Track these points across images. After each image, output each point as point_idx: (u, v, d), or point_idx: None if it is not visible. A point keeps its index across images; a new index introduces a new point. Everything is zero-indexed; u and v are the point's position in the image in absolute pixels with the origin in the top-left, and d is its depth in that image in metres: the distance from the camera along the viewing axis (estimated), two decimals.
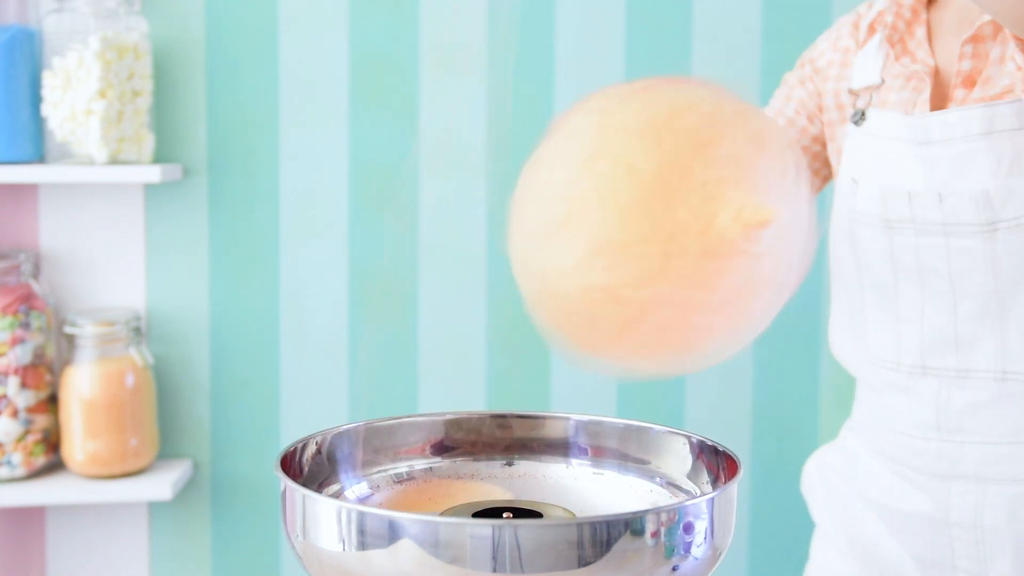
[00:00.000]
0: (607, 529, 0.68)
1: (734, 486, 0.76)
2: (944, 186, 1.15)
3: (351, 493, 0.87)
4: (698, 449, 0.86)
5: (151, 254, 2.06)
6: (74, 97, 1.89)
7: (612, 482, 0.90)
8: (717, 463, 0.84)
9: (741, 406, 2.15)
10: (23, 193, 2.04)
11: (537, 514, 0.82)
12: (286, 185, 2.07)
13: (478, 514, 0.82)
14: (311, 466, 0.85)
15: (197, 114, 2.05)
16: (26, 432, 1.94)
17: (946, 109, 1.17)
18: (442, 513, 0.84)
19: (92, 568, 2.10)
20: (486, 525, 0.67)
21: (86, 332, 1.94)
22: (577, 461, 0.92)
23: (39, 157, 1.95)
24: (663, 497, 0.86)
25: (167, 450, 2.09)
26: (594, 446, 0.91)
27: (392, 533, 0.68)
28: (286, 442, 2.09)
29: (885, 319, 1.23)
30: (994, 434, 1.18)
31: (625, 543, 0.68)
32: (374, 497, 0.87)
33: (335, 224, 2.08)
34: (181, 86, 2.05)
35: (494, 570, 0.66)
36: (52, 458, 1.99)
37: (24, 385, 1.94)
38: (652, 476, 0.89)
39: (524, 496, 0.89)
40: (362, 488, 0.88)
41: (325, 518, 0.71)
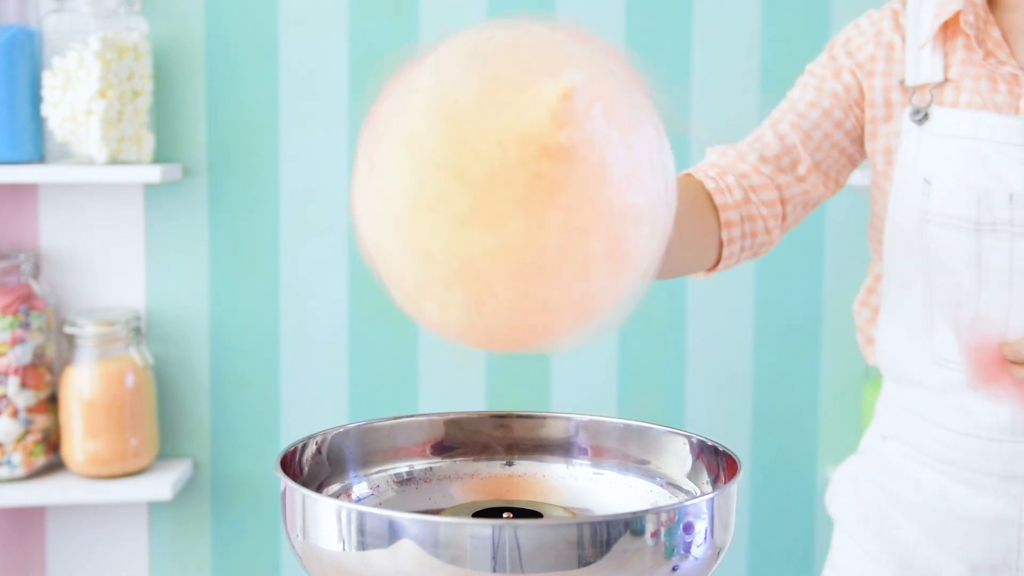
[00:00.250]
0: (607, 529, 0.68)
1: (734, 486, 0.76)
2: None
3: (351, 493, 0.87)
4: (698, 449, 0.86)
5: (151, 254, 2.06)
6: (74, 97, 1.89)
7: (612, 482, 0.89)
8: (717, 463, 0.84)
9: (741, 406, 2.15)
10: (23, 193, 2.04)
11: (537, 514, 0.82)
12: (286, 185, 2.07)
13: (478, 514, 0.82)
14: (311, 466, 0.85)
15: (197, 114, 2.05)
16: (26, 432, 1.94)
17: None
18: (442, 513, 0.84)
19: (92, 568, 2.10)
20: (486, 525, 0.67)
21: (86, 332, 1.94)
22: (577, 461, 0.91)
23: (39, 157, 1.95)
24: (663, 497, 0.86)
25: (167, 450, 2.09)
26: (594, 446, 0.91)
27: (392, 533, 0.68)
28: (286, 442, 2.09)
29: None
30: None
31: (625, 543, 0.68)
32: (374, 497, 0.87)
33: (335, 224, 2.08)
34: (181, 86, 2.05)
35: (494, 570, 0.66)
36: (52, 458, 1.99)
37: (24, 385, 1.94)
38: (652, 476, 0.89)
39: (524, 496, 0.88)
40: (362, 488, 0.87)
41: (325, 518, 0.71)
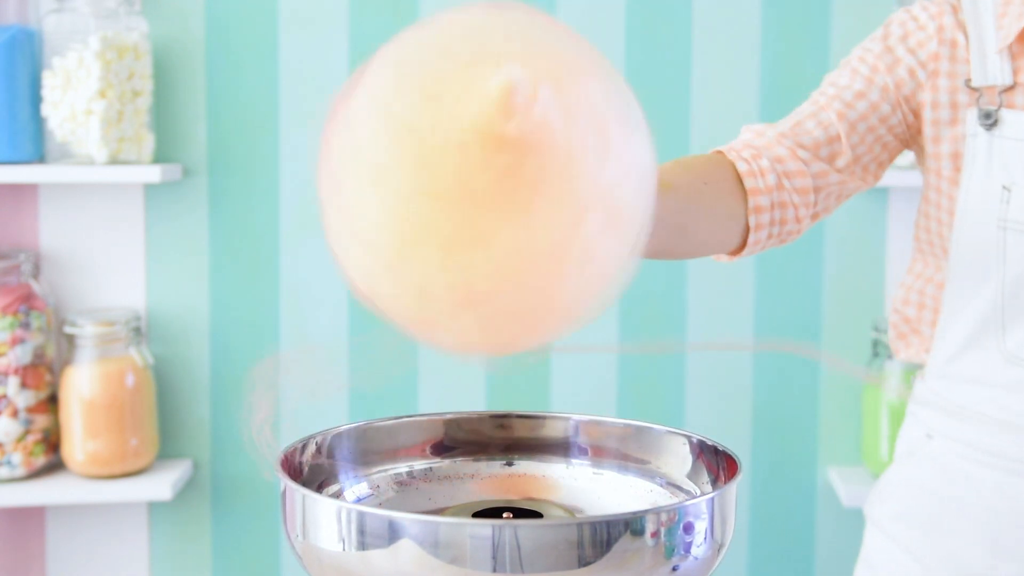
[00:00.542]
0: (607, 529, 0.68)
1: (734, 486, 0.76)
2: None
3: (351, 493, 0.87)
4: (698, 449, 0.86)
5: (151, 254, 2.06)
6: (74, 97, 1.89)
7: (612, 482, 0.89)
8: (717, 463, 0.84)
9: (741, 406, 2.15)
10: (23, 193, 2.04)
11: (537, 514, 0.82)
12: (286, 185, 2.07)
13: (478, 514, 0.82)
14: (311, 466, 0.85)
15: (197, 114, 2.05)
16: (26, 432, 1.94)
17: None
18: (442, 513, 0.84)
19: (92, 568, 2.10)
20: (486, 525, 0.67)
21: (86, 332, 1.94)
22: (577, 461, 0.91)
23: (39, 157, 1.95)
24: (663, 497, 0.86)
25: (167, 450, 2.09)
26: (594, 446, 0.91)
27: (392, 533, 0.68)
28: (286, 442, 2.09)
29: None
30: None
31: (625, 543, 0.68)
32: (374, 497, 0.87)
33: None
34: (181, 86, 2.05)
35: (494, 570, 0.66)
36: (52, 458, 1.99)
37: (24, 385, 1.94)
38: (652, 476, 0.89)
39: (524, 496, 0.88)
40: (362, 488, 0.87)
41: (325, 518, 0.71)
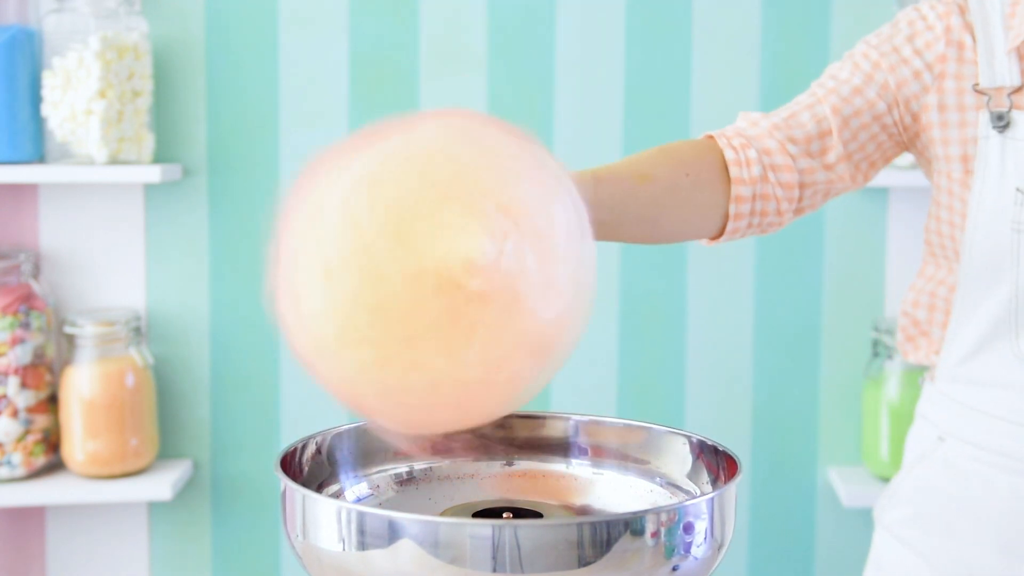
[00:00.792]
0: (607, 529, 0.68)
1: (734, 486, 0.76)
2: None
3: (351, 493, 0.87)
4: (698, 449, 0.86)
5: (151, 254, 2.06)
6: (74, 97, 1.89)
7: (612, 482, 0.90)
8: (717, 463, 0.84)
9: (741, 406, 2.15)
10: (23, 193, 2.04)
11: (537, 514, 0.82)
12: (286, 185, 2.07)
13: (478, 514, 0.82)
14: (311, 466, 0.85)
15: (197, 114, 2.05)
16: (26, 432, 1.94)
17: None
18: (442, 513, 0.84)
19: (92, 568, 2.10)
20: (486, 525, 0.67)
21: (86, 332, 1.94)
22: (577, 461, 0.92)
23: (39, 157, 1.95)
24: (663, 497, 0.86)
25: (167, 450, 2.09)
26: (594, 446, 0.91)
27: (392, 533, 0.68)
28: (286, 442, 2.09)
29: None
30: None
31: (625, 543, 0.68)
32: (374, 497, 0.87)
33: None
34: (181, 86, 2.05)
35: (494, 570, 0.66)
36: (52, 458, 1.99)
37: (24, 385, 1.94)
38: (652, 476, 0.89)
39: (524, 496, 0.88)
40: (362, 488, 0.88)
41: (325, 518, 0.71)
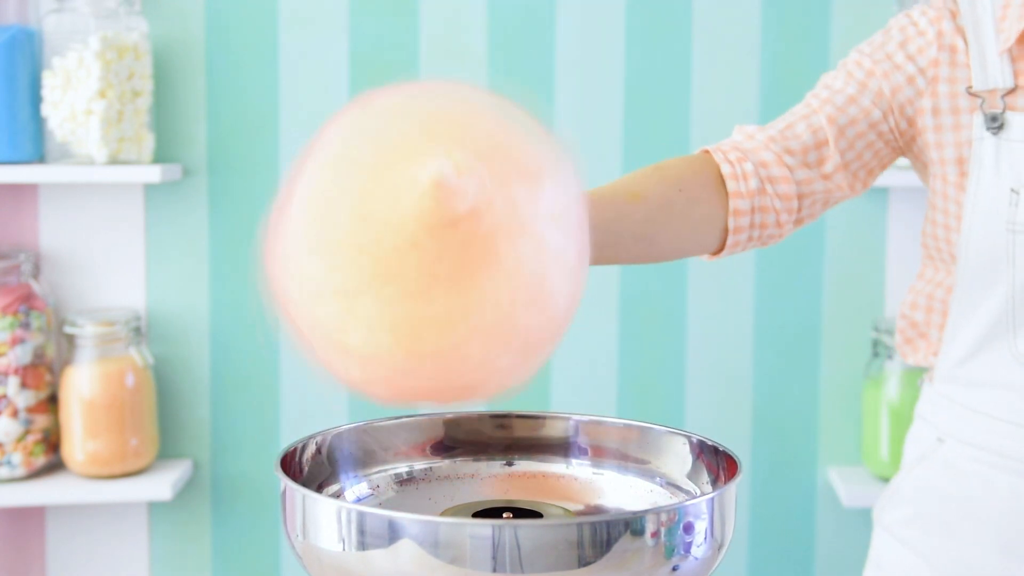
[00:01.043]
0: (607, 529, 0.68)
1: (734, 486, 0.76)
2: None
3: (351, 493, 0.87)
4: (698, 449, 0.86)
5: (151, 254, 2.06)
6: (74, 97, 1.89)
7: (612, 482, 0.89)
8: (717, 463, 0.84)
9: (741, 406, 2.15)
10: (23, 193, 2.04)
11: (537, 514, 0.82)
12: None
13: (478, 514, 0.82)
14: (311, 466, 0.85)
15: (197, 114, 2.05)
16: (26, 432, 1.94)
17: None
18: (442, 513, 0.84)
19: (92, 568, 2.10)
20: (486, 525, 0.67)
21: (86, 332, 1.94)
22: (577, 461, 0.91)
23: (39, 157, 1.95)
24: (663, 497, 0.86)
25: (167, 450, 2.09)
26: (594, 446, 0.91)
27: (392, 533, 0.68)
28: (286, 442, 2.09)
29: None
30: None
31: (625, 543, 0.68)
32: (374, 497, 0.87)
33: None
34: (181, 86, 2.05)
35: (494, 570, 0.66)
36: (52, 458, 1.99)
37: (24, 385, 1.94)
38: (652, 476, 0.89)
39: (524, 496, 0.88)
40: (362, 488, 0.88)
41: (325, 518, 0.71)
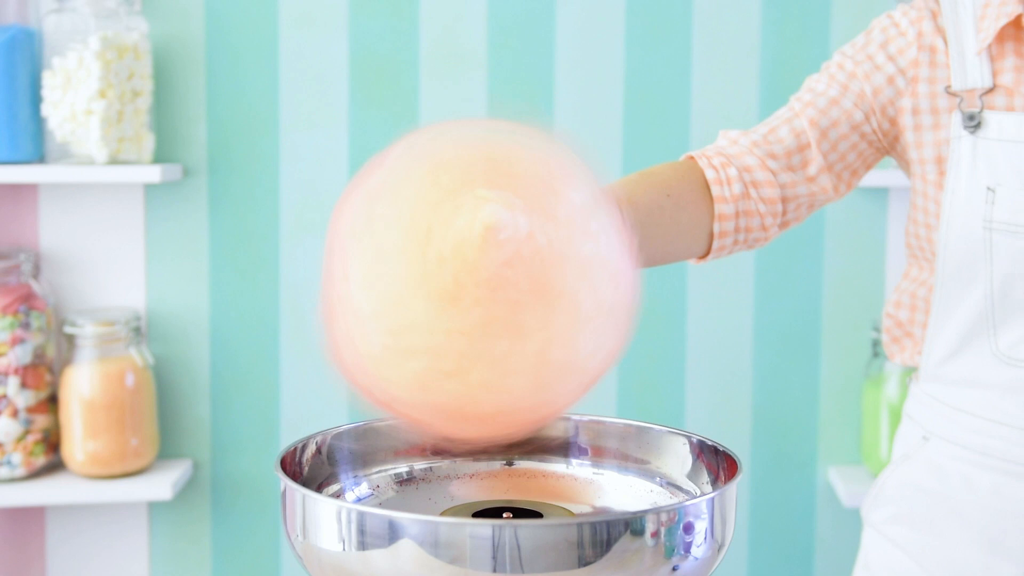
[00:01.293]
0: (607, 529, 0.68)
1: (734, 486, 0.76)
2: None
3: (351, 493, 0.87)
4: (698, 449, 0.86)
5: (151, 254, 2.06)
6: (74, 97, 1.89)
7: (612, 482, 0.89)
8: (717, 463, 0.84)
9: (741, 406, 2.15)
10: (23, 193, 2.04)
11: (537, 514, 0.82)
12: (286, 185, 2.07)
13: (478, 514, 0.82)
14: (311, 466, 0.85)
15: (197, 114, 2.05)
16: (26, 432, 1.94)
17: None
18: (442, 513, 0.84)
19: (92, 568, 2.10)
20: (486, 525, 0.67)
21: (86, 332, 1.94)
22: (577, 461, 0.91)
23: (39, 157, 1.95)
24: (663, 497, 0.86)
25: (167, 450, 2.09)
26: (594, 446, 0.91)
27: (392, 533, 0.68)
28: (286, 442, 2.09)
29: None
30: None
31: (625, 543, 0.68)
32: (374, 497, 0.87)
33: None
34: (181, 86, 2.05)
35: (494, 570, 0.66)
36: (52, 458, 1.99)
37: (24, 385, 1.94)
38: (652, 476, 0.89)
39: (524, 496, 0.88)
40: (362, 488, 0.87)
41: (325, 518, 0.71)
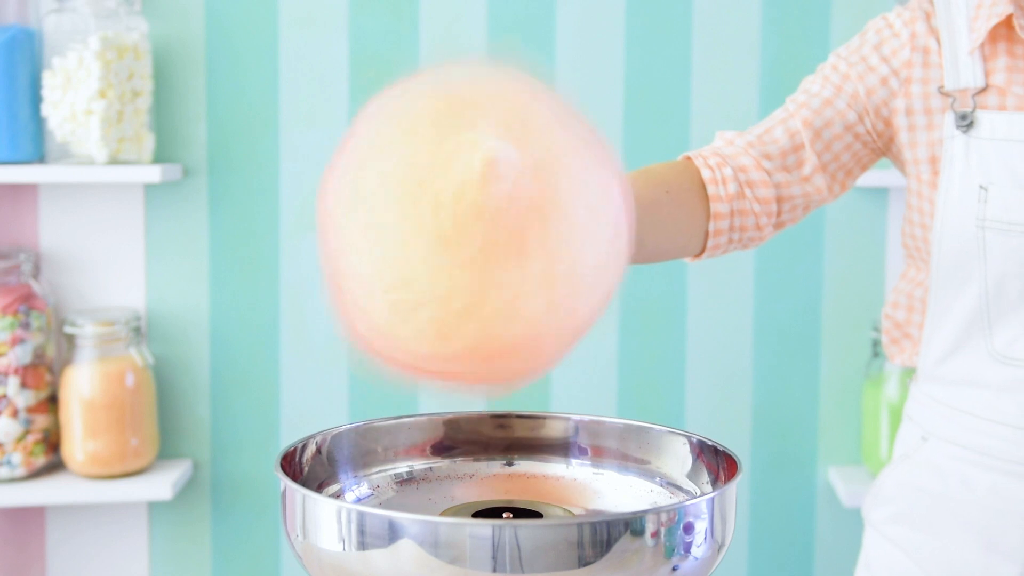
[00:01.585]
0: (607, 529, 0.68)
1: (734, 486, 0.76)
2: None
3: (351, 493, 0.87)
4: (698, 449, 0.86)
5: (151, 254, 2.06)
6: (74, 97, 1.89)
7: (612, 482, 0.89)
8: (717, 463, 0.84)
9: (741, 406, 2.15)
10: (23, 193, 2.04)
11: (537, 514, 0.82)
12: (286, 185, 2.07)
13: (478, 514, 0.82)
14: (311, 466, 0.85)
15: (197, 114, 2.05)
16: (26, 432, 1.94)
17: None
18: (442, 513, 0.84)
19: (92, 568, 2.10)
20: (486, 525, 0.67)
21: (86, 332, 1.94)
22: (577, 461, 0.91)
23: (39, 157, 1.95)
24: (663, 497, 0.86)
25: (167, 450, 2.09)
26: (594, 446, 0.91)
27: (392, 533, 0.68)
28: (286, 442, 2.09)
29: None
30: None
31: (625, 543, 0.68)
32: (374, 497, 0.87)
33: None
34: (181, 86, 2.05)
35: (494, 570, 0.66)
36: (52, 458, 1.99)
37: (24, 385, 1.94)
38: (652, 476, 0.89)
39: (524, 496, 0.88)
40: (362, 488, 0.88)
41: (325, 518, 0.71)
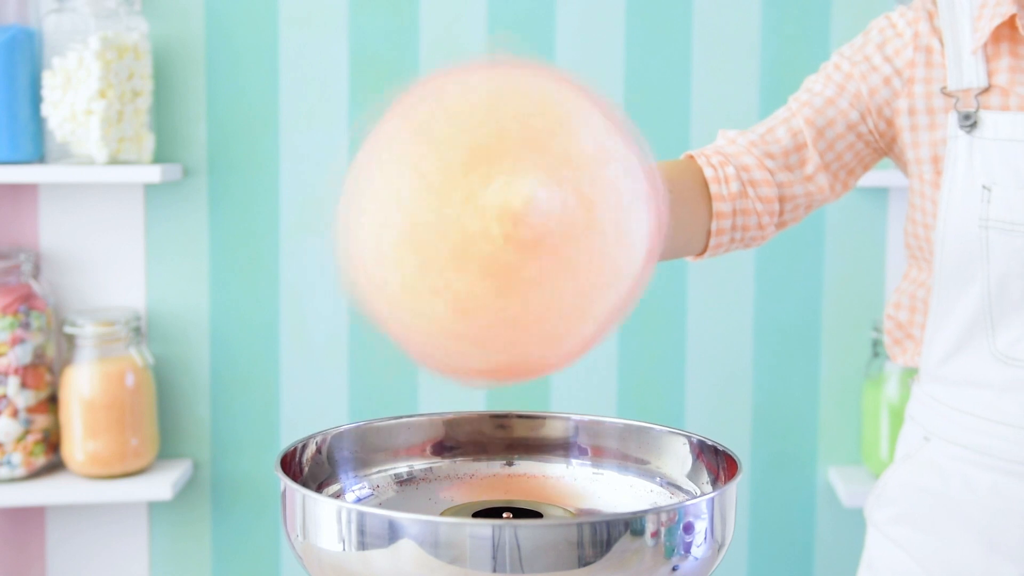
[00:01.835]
0: (607, 529, 0.68)
1: (734, 486, 0.76)
2: None
3: (351, 493, 0.87)
4: (698, 449, 0.86)
5: (151, 254, 2.06)
6: (74, 97, 1.89)
7: (612, 482, 0.89)
8: (717, 463, 0.84)
9: (741, 406, 2.15)
10: (23, 193, 2.04)
11: (537, 514, 0.82)
12: (286, 185, 2.07)
13: (478, 514, 0.82)
14: (311, 466, 0.85)
15: (197, 114, 2.05)
16: (26, 432, 1.94)
17: None
18: (442, 513, 0.84)
19: (92, 568, 2.10)
20: (486, 525, 0.67)
21: (86, 332, 1.94)
22: (577, 461, 0.91)
23: (39, 157, 1.95)
24: (663, 497, 0.86)
25: (167, 450, 2.09)
26: (594, 446, 0.91)
27: (392, 533, 0.68)
28: (286, 442, 2.09)
29: None
30: None
31: (625, 543, 0.68)
32: (374, 497, 0.87)
33: (335, 224, 2.08)
34: (181, 86, 2.05)
35: (494, 570, 0.66)
36: (52, 458, 1.99)
37: (24, 385, 1.94)
38: (652, 476, 0.89)
39: (524, 496, 0.88)
40: (362, 488, 0.88)
41: (325, 518, 0.71)
